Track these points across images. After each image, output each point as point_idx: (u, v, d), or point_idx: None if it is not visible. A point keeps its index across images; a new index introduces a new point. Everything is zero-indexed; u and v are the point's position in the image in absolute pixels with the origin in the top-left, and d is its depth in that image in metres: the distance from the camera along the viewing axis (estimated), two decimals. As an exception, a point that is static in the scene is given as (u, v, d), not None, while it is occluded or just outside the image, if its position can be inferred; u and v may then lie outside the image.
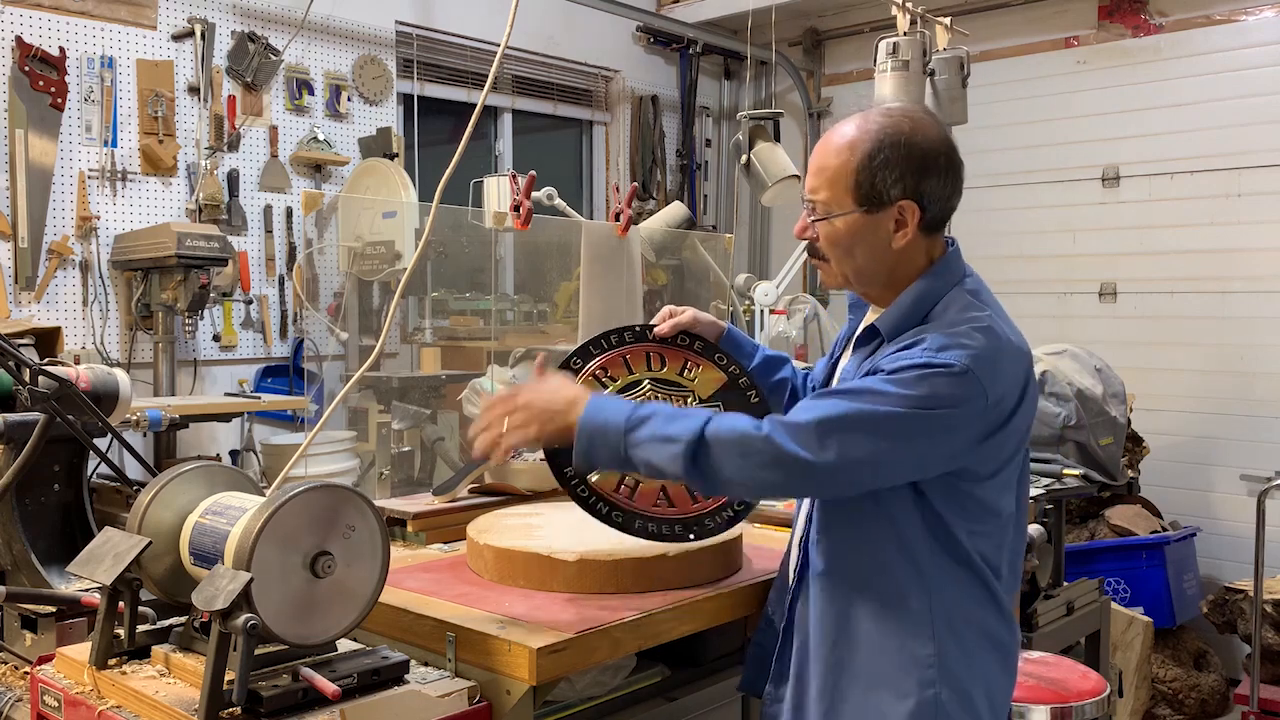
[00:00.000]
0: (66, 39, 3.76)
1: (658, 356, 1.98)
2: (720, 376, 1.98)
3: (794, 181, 3.83)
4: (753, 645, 1.85)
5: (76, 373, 2.04)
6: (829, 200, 1.62)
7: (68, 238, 3.76)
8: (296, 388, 4.20)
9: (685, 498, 1.86)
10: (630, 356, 1.96)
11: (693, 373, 1.97)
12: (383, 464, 3.61)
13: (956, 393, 1.48)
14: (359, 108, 4.61)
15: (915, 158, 1.58)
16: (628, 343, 1.97)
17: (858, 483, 1.54)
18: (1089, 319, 5.05)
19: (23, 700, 1.79)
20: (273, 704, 1.41)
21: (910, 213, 1.59)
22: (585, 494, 1.82)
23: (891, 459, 1.50)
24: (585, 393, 1.64)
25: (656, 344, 1.98)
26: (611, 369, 1.93)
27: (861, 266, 1.65)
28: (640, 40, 5.91)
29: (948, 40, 3.77)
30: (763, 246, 6.25)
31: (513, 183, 2.73)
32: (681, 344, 1.99)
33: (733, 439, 1.51)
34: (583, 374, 1.91)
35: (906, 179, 1.58)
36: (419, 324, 4.31)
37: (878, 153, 1.58)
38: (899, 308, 1.62)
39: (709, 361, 1.99)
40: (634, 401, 1.63)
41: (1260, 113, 4.62)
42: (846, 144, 1.60)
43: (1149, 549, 4.25)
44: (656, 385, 1.95)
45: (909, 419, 1.48)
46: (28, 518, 2.01)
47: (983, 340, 1.53)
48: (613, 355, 1.95)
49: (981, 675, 1.62)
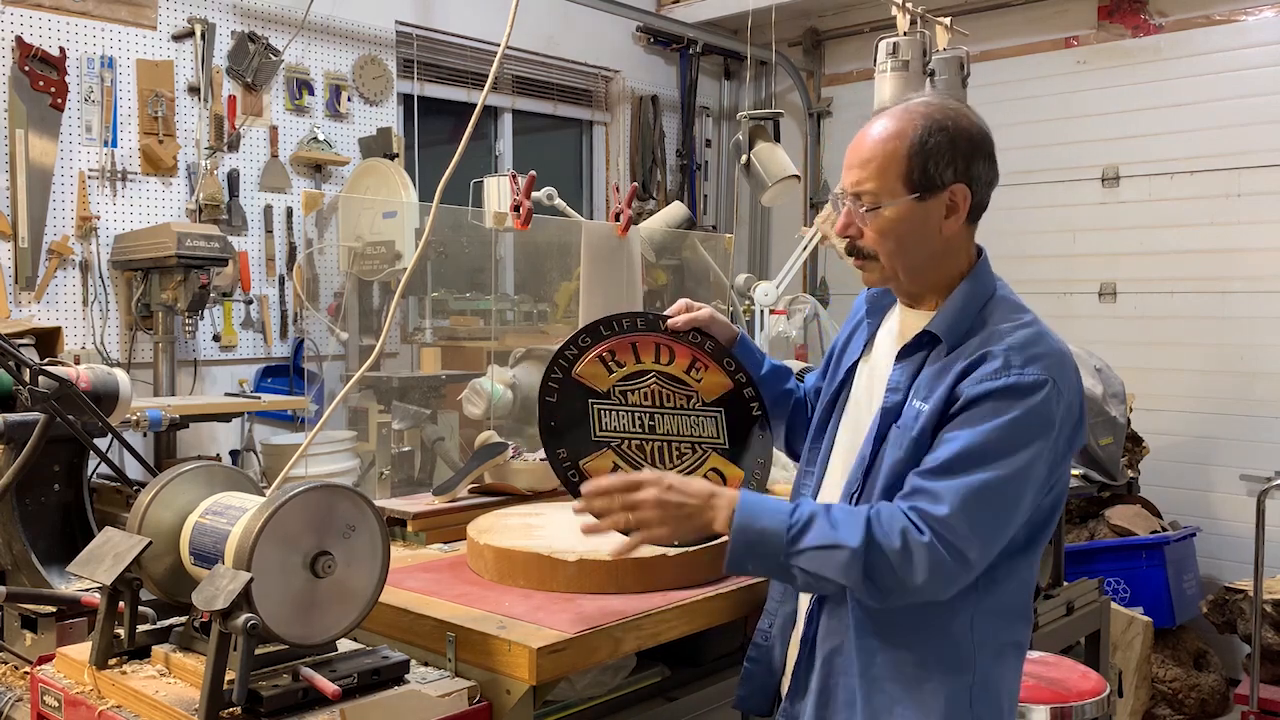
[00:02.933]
0: (66, 39, 3.76)
1: (667, 349, 1.95)
2: (726, 382, 1.95)
3: (794, 182, 3.83)
4: (749, 663, 1.80)
5: (76, 373, 2.04)
6: (878, 190, 1.57)
7: (68, 238, 3.76)
8: (296, 388, 4.20)
9: None
10: (640, 344, 1.93)
11: (699, 373, 1.95)
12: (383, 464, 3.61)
13: (1051, 409, 1.50)
14: (359, 108, 4.61)
15: (963, 141, 1.56)
16: (639, 329, 1.94)
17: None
18: (1089, 319, 5.05)
19: (23, 700, 1.79)
20: (273, 704, 1.41)
21: (962, 197, 1.57)
22: (575, 479, 1.79)
23: (1025, 503, 1.52)
24: (720, 489, 1.58)
25: (668, 336, 1.96)
26: (620, 354, 1.91)
27: (913, 259, 1.60)
28: (640, 40, 5.91)
29: (948, 40, 3.77)
30: (763, 246, 6.25)
31: (513, 183, 2.74)
32: (694, 341, 1.97)
33: (898, 550, 1.46)
34: (590, 353, 1.89)
35: (958, 162, 1.56)
36: (419, 324, 4.31)
37: (928, 137, 1.55)
38: (954, 310, 1.59)
39: (717, 365, 1.96)
40: (784, 501, 1.58)
41: (1260, 113, 4.62)
42: (893, 133, 1.57)
43: (1149, 549, 4.25)
44: (661, 379, 1.93)
45: (1029, 466, 1.48)
46: (28, 518, 2.01)
47: (1048, 345, 1.54)
48: (622, 340, 1.93)
49: (1007, 676, 1.61)
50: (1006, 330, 1.55)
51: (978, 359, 1.53)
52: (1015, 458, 1.48)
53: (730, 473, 1.90)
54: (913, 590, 1.47)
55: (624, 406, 1.88)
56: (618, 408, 1.88)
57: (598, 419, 1.85)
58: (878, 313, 1.77)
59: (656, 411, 1.90)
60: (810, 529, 1.50)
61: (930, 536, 1.46)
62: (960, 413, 1.51)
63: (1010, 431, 1.48)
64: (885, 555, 1.46)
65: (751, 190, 4.04)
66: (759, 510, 1.54)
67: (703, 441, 1.91)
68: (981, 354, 1.53)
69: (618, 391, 1.89)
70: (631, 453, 1.85)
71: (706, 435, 1.92)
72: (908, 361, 1.63)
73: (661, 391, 1.92)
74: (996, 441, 1.48)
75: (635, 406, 1.89)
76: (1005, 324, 1.56)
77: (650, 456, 1.86)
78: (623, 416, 1.87)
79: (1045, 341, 1.55)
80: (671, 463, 1.87)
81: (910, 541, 1.46)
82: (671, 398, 1.92)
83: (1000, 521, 1.50)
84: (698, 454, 1.89)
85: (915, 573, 1.46)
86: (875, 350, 1.74)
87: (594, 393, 1.87)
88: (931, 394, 1.56)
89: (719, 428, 1.93)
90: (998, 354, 1.51)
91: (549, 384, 1.85)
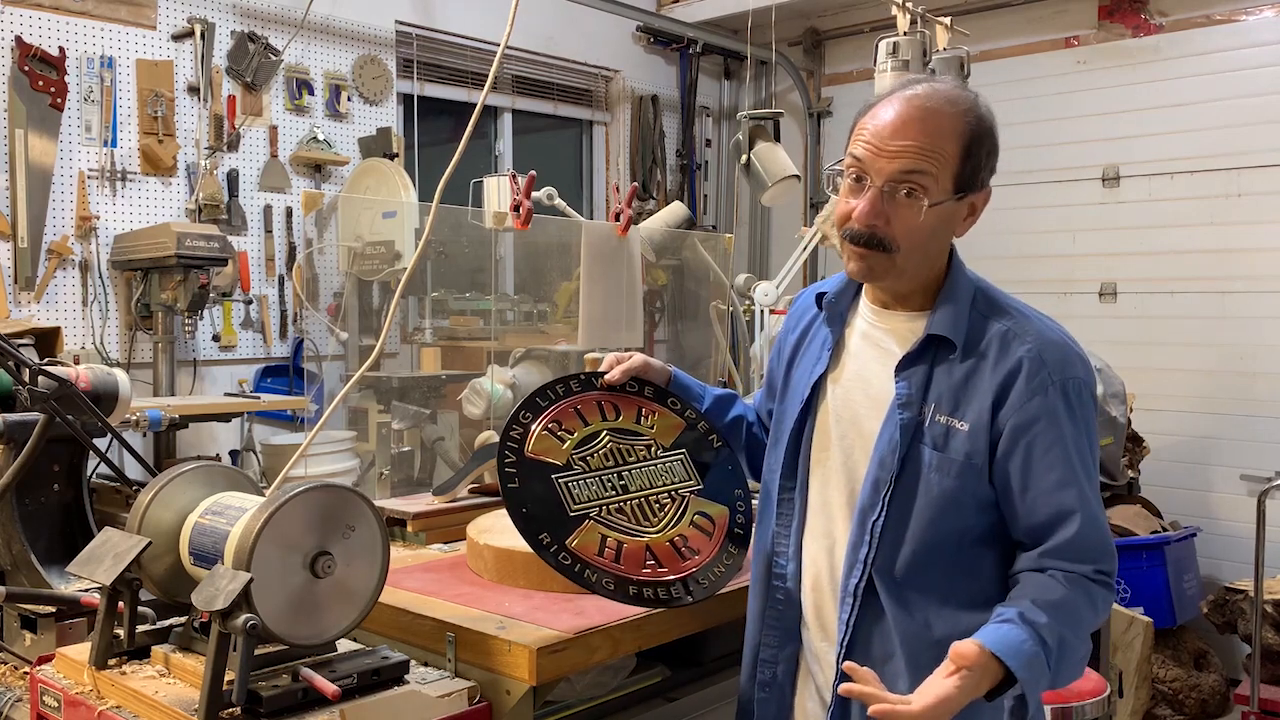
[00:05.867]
0: (66, 39, 3.76)
1: (610, 405, 1.90)
2: (678, 422, 1.92)
3: (794, 182, 3.83)
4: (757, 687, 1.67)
5: (76, 373, 2.04)
6: (929, 182, 1.47)
7: (67, 238, 3.76)
8: (296, 388, 4.20)
9: (674, 556, 1.76)
10: (582, 407, 1.88)
11: (649, 420, 1.90)
12: (383, 464, 3.61)
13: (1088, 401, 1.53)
14: (359, 108, 4.60)
15: (996, 142, 1.53)
16: (574, 392, 1.89)
17: None
18: (1089, 319, 5.04)
19: (23, 700, 1.79)
20: (273, 704, 1.41)
21: (984, 199, 1.54)
22: (568, 562, 1.69)
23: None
24: (967, 668, 1.36)
25: (607, 392, 1.91)
26: (565, 421, 1.85)
27: (926, 257, 1.53)
28: (640, 40, 5.91)
29: (948, 40, 3.77)
30: (763, 246, 6.25)
31: (513, 183, 2.74)
32: (631, 391, 1.92)
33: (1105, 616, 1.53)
34: (535, 428, 1.81)
35: (993, 163, 1.53)
36: (419, 324, 4.31)
37: (982, 136, 1.50)
38: (955, 309, 1.53)
39: (663, 407, 1.92)
40: (1012, 634, 1.40)
41: (1260, 113, 4.61)
42: (948, 123, 1.48)
43: (1149, 549, 4.25)
44: (615, 435, 1.87)
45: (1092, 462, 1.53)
46: (28, 518, 2.01)
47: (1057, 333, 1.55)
48: (563, 406, 1.86)
49: None
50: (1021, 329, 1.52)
51: (1014, 367, 1.49)
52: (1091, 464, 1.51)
53: (715, 511, 1.86)
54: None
55: (589, 473, 1.81)
56: (583, 476, 1.80)
57: (567, 493, 1.77)
58: (837, 320, 1.65)
59: (623, 469, 1.84)
60: (1065, 655, 1.44)
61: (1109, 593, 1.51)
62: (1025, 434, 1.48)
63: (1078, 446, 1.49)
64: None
65: (751, 190, 4.04)
66: (1030, 665, 1.38)
67: (677, 488, 1.86)
68: (1017, 360, 1.49)
69: (577, 460, 1.81)
70: (613, 517, 1.77)
71: (678, 479, 1.87)
72: (913, 370, 1.53)
73: (619, 448, 1.86)
74: (1079, 463, 1.49)
75: (599, 470, 1.82)
76: (1010, 319, 1.54)
77: (632, 517, 1.79)
78: (591, 484, 1.80)
79: (1059, 334, 1.54)
80: (655, 517, 1.81)
81: (1102, 607, 1.51)
82: (631, 451, 1.86)
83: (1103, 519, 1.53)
84: (677, 502, 1.84)
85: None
86: (853, 360, 1.62)
87: (554, 467, 1.79)
88: (966, 409, 1.50)
89: (687, 468, 1.89)
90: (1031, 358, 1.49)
91: (506, 470, 1.75)
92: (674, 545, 1.77)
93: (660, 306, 5.38)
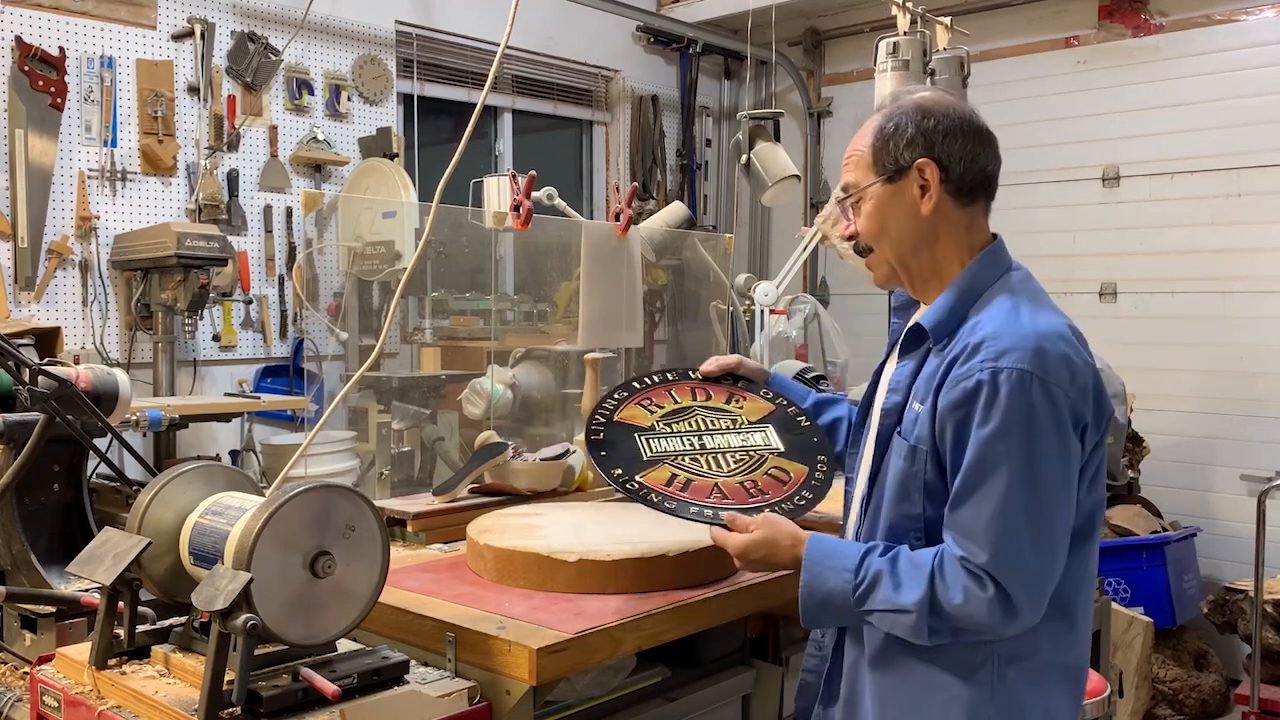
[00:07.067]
0: (66, 39, 3.76)
1: (703, 390, 2.03)
2: (768, 406, 1.99)
3: (794, 181, 3.83)
4: (807, 674, 1.77)
5: (76, 373, 2.04)
6: (855, 181, 1.64)
7: (67, 238, 3.76)
8: (296, 388, 4.20)
9: (741, 493, 1.78)
10: (675, 390, 2.01)
11: (739, 403, 2.00)
12: (383, 464, 3.61)
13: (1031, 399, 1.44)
14: (359, 108, 4.60)
15: (927, 121, 1.59)
16: (671, 381, 2.03)
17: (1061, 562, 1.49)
18: (1089, 319, 5.04)
19: (23, 700, 1.79)
20: (273, 704, 1.41)
21: (930, 171, 1.58)
22: (634, 487, 1.76)
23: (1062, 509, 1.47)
24: (800, 544, 1.57)
25: (701, 382, 2.04)
26: (657, 398, 1.98)
27: (903, 245, 1.62)
28: (640, 40, 5.91)
29: (948, 40, 3.77)
30: (763, 246, 6.25)
31: (513, 183, 2.73)
32: (725, 382, 2.04)
33: (960, 605, 1.44)
34: (627, 404, 1.95)
35: (918, 141, 1.58)
36: (419, 324, 4.31)
37: (888, 122, 1.61)
38: (946, 302, 1.59)
39: (755, 395, 2.02)
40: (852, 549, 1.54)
41: (1260, 113, 4.61)
42: (866, 130, 1.65)
43: (1149, 549, 4.25)
44: (706, 411, 1.98)
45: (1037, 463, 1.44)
46: (28, 518, 2.01)
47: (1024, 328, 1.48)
48: (658, 389, 2.01)
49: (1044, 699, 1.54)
50: (986, 321, 1.52)
51: (959, 353, 1.51)
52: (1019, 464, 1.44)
53: (794, 469, 1.87)
54: (997, 632, 1.46)
55: (671, 434, 1.91)
56: (666, 435, 1.90)
57: (647, 446, 1.87)
58: (904, 311, 1.76)
59: (704, 435, 1.92)
60: (875, 590, 1.49)
61: (993, 589, 1.43)
62: (949, 420, 1.49)
63: (1000, 442, 1.44)
64: (951, 615, 1.45)
65: (751, 190, 4.04)
66: (824, 569, 1.53)
67: (758, 448, 1.91)
68: (963, 346, 1.51)
69: (662, 425, 1.93)
70: (686, 464, 1.84)
71: (760, 444, 1.92)
72: (909, 359, 1.62)
73: (706, 418, 1.95)
74: (993, 455, 1.44)
75: (683, 433, 1.92)
76: (988, 313, 1.53)
77: (706, 464, 1.85)
78: (671, 441, 1.89)
79: (1022, 325, 1.49)
80: (728, 466, 1.85)
81: (972, 599, 1.44)
82: (716, 421, 1.95)
83: (1043, 530, 1.45)
84: (754, 459, 1.88)
85: (992, 622, 1.44)
86: (895, 351, 1.72)
87: (639, 428, 1.90)
88: (927, 395, 1.54)
89: (770, 438, 1.93)
90: (970, 350, 1.49)
91: (593, 431, 1.88)
92: (743, 486, 1.81)
93: (660, 306, 5.39)
